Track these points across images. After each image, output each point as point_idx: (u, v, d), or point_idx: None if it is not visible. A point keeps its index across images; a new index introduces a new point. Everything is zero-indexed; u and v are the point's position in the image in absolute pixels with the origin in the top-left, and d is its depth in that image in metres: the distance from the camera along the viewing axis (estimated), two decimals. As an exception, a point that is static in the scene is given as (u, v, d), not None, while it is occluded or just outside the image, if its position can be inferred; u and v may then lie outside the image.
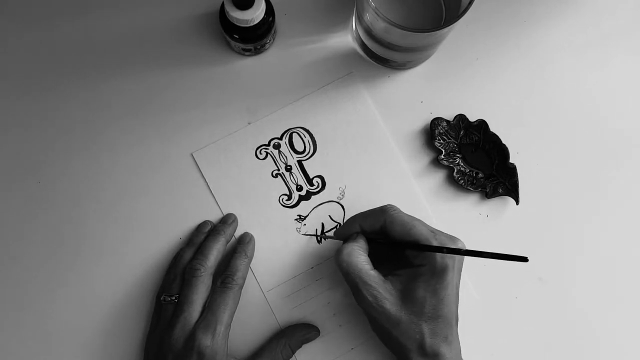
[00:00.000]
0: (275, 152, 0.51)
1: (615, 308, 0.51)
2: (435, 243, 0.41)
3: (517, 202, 0.51)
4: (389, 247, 0.45)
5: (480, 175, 0.51)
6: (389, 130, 0.51)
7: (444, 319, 0.42)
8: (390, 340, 0.43)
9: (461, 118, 0.51)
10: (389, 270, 0.44)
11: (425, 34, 0.42)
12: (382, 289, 0.42)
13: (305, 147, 0.51)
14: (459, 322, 0.44)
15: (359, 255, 0.43)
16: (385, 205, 0.45)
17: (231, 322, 0.45)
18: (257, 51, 0.51)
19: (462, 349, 0.44)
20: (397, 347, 0.42)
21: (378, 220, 0.44)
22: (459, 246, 0.42)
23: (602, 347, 0.50)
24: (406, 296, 0.42)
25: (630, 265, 0.51)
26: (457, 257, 0.42)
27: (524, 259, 0.38)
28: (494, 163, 0.51)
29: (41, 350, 0.48)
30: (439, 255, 0.41)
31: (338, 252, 0.43)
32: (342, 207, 0.51)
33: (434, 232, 0.43)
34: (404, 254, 0.44)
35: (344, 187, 0.51)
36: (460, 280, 0.44)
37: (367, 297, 0.42)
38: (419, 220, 0.43)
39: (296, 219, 0.50)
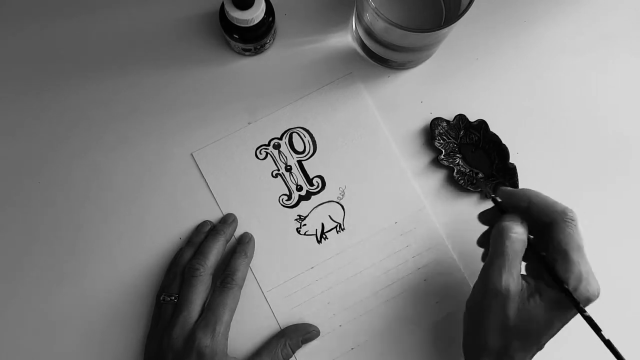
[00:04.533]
0: (275, 152, 0.51)
1: (615, 308, 0.51)
2: (575, 294, 0.40)
3: (517, 202, 0.51)
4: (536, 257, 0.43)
5: (480, 175, 0.51)
6: (388, 130, 0.51)
7: (531, 343, 0.41)
8: (477, 326, 0.42)
9: (461, 118, 0.51)
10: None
11: (425, 34, 0.42)
12: (514, 285, 0.40)
13: (305, 147, 0.51)
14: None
15: (524, 244, 0.41)
16: (566, 210, 0.41)
17: (231, 321, 0.45)
18: (257, 51, 0.51)
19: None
20: (477, 336, 0.42)
21: (547, 218, 0.42)
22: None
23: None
24: (527, 305, 0.41)
25: (630, 265, 0.51)
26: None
27: None
28: (494, 163, 0.51)
29: (41, 350, 0.48)
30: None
31: (513, 219, 0.42)
32: (342, 207, 0.51)
33: (587, 277, 0.41)
34: (554, 266, 0.41)
35: (344, 187, 0.51)
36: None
37: (499, 276, 0.40)
38: (584, 255, 0.41)
39: (296, 219, 0.50)
